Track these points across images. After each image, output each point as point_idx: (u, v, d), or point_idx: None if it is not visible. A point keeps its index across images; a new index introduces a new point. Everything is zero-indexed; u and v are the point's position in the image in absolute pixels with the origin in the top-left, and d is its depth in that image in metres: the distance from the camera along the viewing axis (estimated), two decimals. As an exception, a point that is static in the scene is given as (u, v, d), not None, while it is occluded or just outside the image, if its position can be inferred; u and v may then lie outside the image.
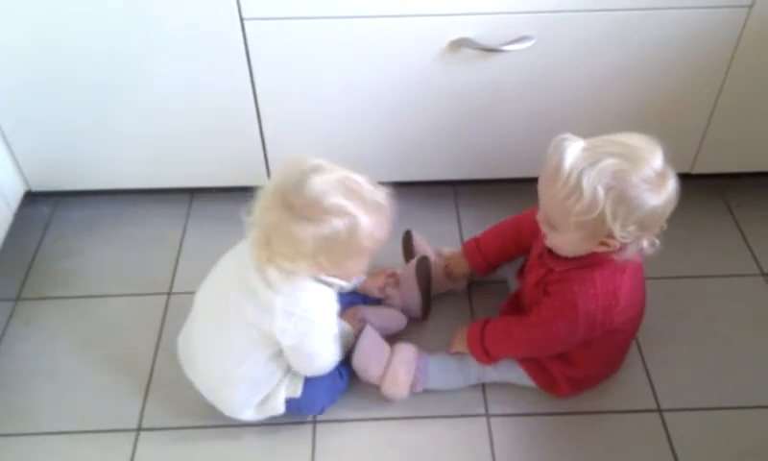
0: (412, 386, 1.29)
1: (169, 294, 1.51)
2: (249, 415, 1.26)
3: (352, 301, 1.40)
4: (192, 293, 1.28)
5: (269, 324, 1.13)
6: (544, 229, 1.15)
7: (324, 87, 1.42)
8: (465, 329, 1.32)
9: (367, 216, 1.07)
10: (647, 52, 1.37)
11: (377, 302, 1.43)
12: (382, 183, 1.12)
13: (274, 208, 1.07)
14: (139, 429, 1.30)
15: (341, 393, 1.32)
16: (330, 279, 1.15)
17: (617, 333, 1.23)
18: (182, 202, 1.70)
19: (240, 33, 1.31)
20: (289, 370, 1.24)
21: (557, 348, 1.23)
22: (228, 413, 1.27)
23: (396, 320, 1.40)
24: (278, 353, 1.19)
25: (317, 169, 1.07)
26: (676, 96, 1.45)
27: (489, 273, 1.43)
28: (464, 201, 1.71)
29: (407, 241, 1.48)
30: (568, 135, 1.06)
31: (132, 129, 1.48)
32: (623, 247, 1.08)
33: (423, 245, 1.47)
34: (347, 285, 1.18)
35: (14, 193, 1.55)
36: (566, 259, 1.16)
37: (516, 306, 1.34)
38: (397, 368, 1.28)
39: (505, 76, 1.40)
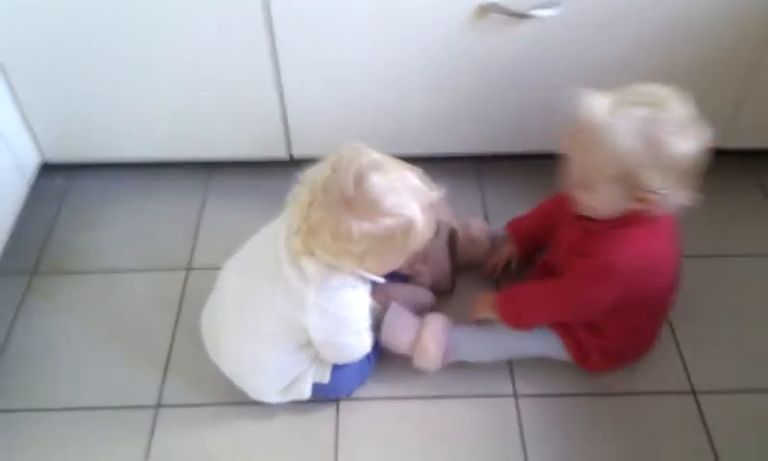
0: (444, 358, 1.26)
1: (188, 269, 1.48)
2: (274, 398, 1.23)
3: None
4: (211, 268, 1.25)
5: (301, 317, 1.10)
6: (577, 192, 1.11)
7: (347, 57, 1.37)
8: (489, 294, 1.29)
9: (422, 217, 1.03)
10: (679, 19, 1.32)
11: (403, 278, 1.39)
12: (405, 158, 1.08)
13: (327, 204, 1.02)
14: (158, 406, 1.27)
15: (368, 375, 1.29)
16: (367, 275, 1.11)
17: (649, 302, 1.19)
18: (201, 175, 1.66)
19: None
20: (317, 357, 1.21)
21: (591, 309, 1.19)
22: (253, 396, 1.24)
23: (423, 296, 1.37)
24: (307, 344, 1.16)
25: (375, 166, 1.03)
26: (708, 66, 1.40)
27: (532, 253, 1.41)
28: (487, 175, 1.66)
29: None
30: (590, 90, 1.03)
31: (148, 99, 1.45)
32: (660, 201, 1.04)
33: (449, 215, 1.42)
34: (381, 280, 1.14)
35: (30, 165, 1.53)
36: (601, 221, 1.12)
37: (546, 275, 1.30)
38: (427, 342, 1.24)
39: (534, 44, 1.35)
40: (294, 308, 1.09)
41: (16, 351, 1.35)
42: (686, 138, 1.00)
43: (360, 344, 1.19)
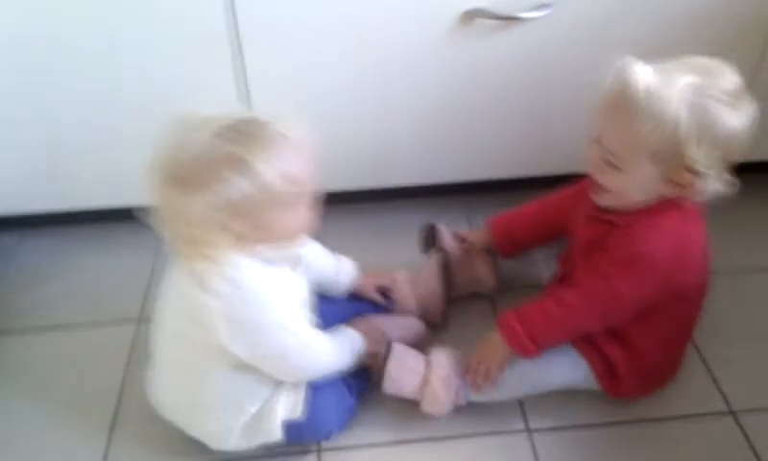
0: (455, 401, 1.08)
1: (139, 322, 1.29)
2: (234, 443, 1.03)
3: (358, 309, 1.19)
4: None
5: (213, 336, 0.92)
6: (605, 175, 0.97)
7: (320, 71, 1.25)
8: (492, 335, 1.07)
9: (265, 155, 0.86)
10: (674, 21, 1.24)
11: (387, 309, 1.22)
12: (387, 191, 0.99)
13: (157, 187, 0.87)
14: (103, 470, 1.05)
15: (351, 414, 1.09)
16: (270, 252, 0.93)
17: (684, 302, 1.04)
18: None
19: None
20: (282, 385, 1.02)
21: (621, 312, 1.02)
22: (213, 445, 1.04)
23: (414, 329, 1.19)
24: (243, 364, 0.97)
25: (195, 125, 0.88)
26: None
27: (512, 255, 1.25)
28: (477, 208, 1.51)
29: (430, 235, 1.28)
30: (631, 58, 0.92)
31: (114, 150, 1.31)
32: (698, 186, 0.93)
33: (449, 241, 1.27)
34: (295, 255, 0.98)
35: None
36: (626, 213, 0.99)
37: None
38: (436, 388, 1.07)
39: (524, 51, 1.25)
40: (203, 327, 0.92)
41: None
42: (737, 111, 0.91)
43: (303, 344, 0.99)
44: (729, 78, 0.92)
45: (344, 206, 1.51)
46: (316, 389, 1.03)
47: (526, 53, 1.26)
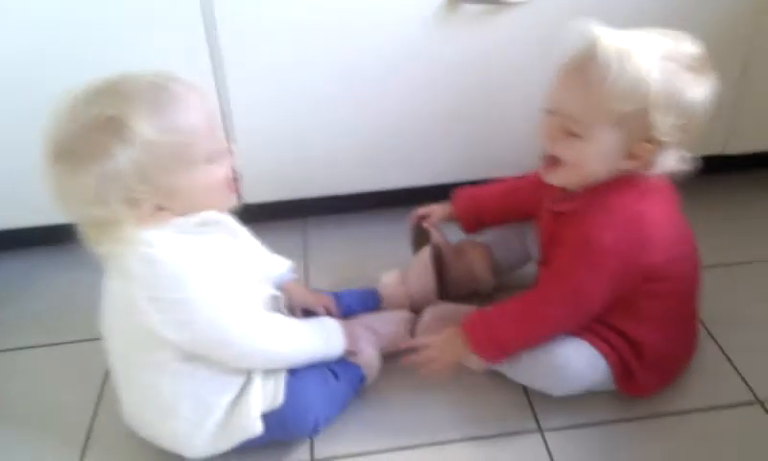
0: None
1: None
2: (207, 446, 0.93)
3: (349, 306, 1.14)
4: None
5: (146, 325, 0.84)
6: (562, 146, 0.92)
7: (293, 68, 1.20)
8: (450, 330, 1.00)
9: (142, 111, 0.78)
10: (662, 5, 1.21)
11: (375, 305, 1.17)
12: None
13: (48, 171, 0.80)
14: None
15: (342, 402, 1.01)
16: (184, 221, 0.85)
17: (663, 282, 0.96)
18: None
19: None
20: (255, 372, 0.93)
21: (591, 306, 0.95)
22: (188, 454, 0.95)
23: (405, 322, 1.12)
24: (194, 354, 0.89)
25: (73, 96, 0.81)
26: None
27: (474, 231, 1.19)
28: None
29: (420, 233, 1.20)
30: (593, 22, 0.89)
31: None
32: (657, 157, 0.90)
33: (441, 238, 1.20)
34: (219, 216, 0.89)
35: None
36: (575, 197, 0.95)
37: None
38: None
39: (511, 40, 1.21)
40: (135, 317, 0.84)
41: None
42: (702, 80, 0.88)
43: (243, 323, 0.89)
44: (692, 46, 0.89)
45: (332, 215, 1.47)
46: (295, 372, 0.95)
47: (513, 43, 1.22)
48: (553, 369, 0.99)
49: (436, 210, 1.20)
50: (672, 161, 0.91)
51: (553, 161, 0.94)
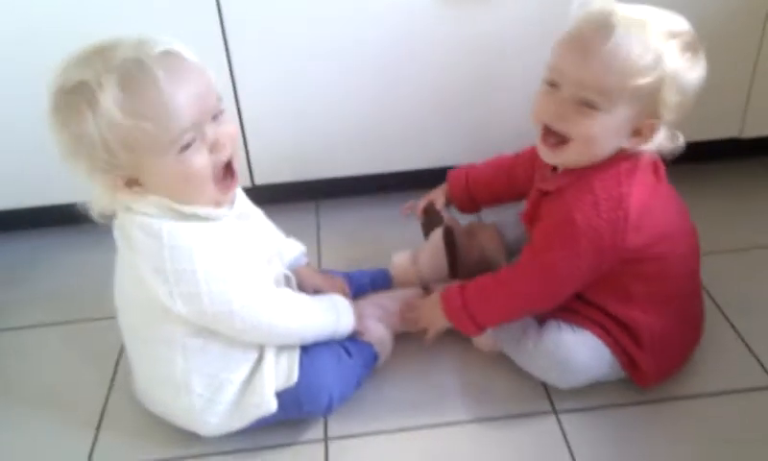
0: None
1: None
2: (221, 423, 0.93)
3: (361, 286, 1.14)
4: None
5: (155, 298, 0.84)
6: (573, 121, 0.89)
7: (300, 51, 1.21)
8: (431, 297, 1.05)
9: (115, 83, 0.76)
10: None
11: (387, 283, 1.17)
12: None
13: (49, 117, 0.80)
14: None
15: (356, 380, 1.00)
16: (185, 210, 0.84)
17: (647, 263, 0.95)
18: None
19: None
20: (269, 350, 0.93)
21: (562, 285, 0.95)
22: (201, 431, 0.95)
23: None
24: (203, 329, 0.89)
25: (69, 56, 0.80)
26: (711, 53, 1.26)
27: (470, 211, 1.20)
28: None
29: (432, 215, 1.20)
30: None
31: None
32: (654, 137, 0.90)
33: (453, 220, 1.20)
34: (223, 212, 0.88)
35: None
36: (561, 175, 0.95)
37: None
38: None
39: (510, 26, 1.21)
40: (145, 291, 0.85)
41: None
42: (699, 60, 0.88)
43: (252, 297, 0.88)
44: (686, 25, 0.88)
45: (342, 197, 1.46)
46: (308, 350, 0.95)
47: (513, 29, 1.22)
48: (556, 363, 0.98)
49: (438, 195, 1.19)
50: (664, 139, 0.90)
51: (559, 140, 0.91)
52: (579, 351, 0.98)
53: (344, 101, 1.27)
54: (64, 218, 1.37)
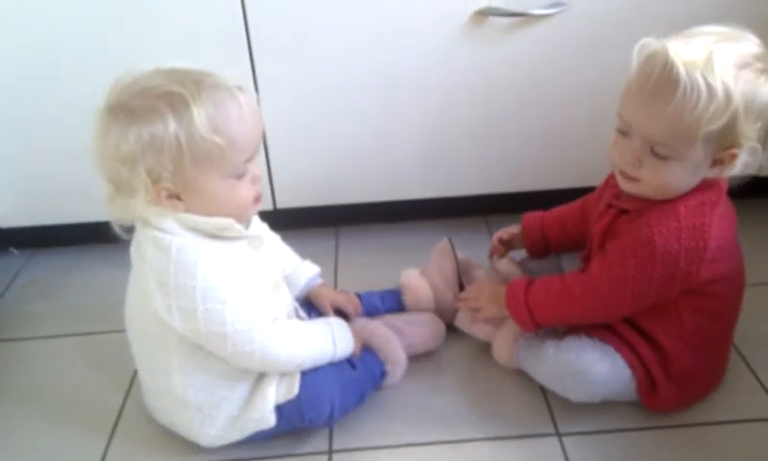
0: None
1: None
2: (220, 435, 0.96)
3: (372, 304, 1.17)
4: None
5: (155, 309, 0.88)
6: (645, 169, 0.90)
7: (326, 78, 1.25)
8: (496, 286, 1.08)
9: (209, 101, 0.82)
10: (690, 18, 1.20)
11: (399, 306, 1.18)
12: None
13: (98, 119, 0.84)
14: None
15: (360, 391, 1.01)
16: (205, 222, 0.87)
17: (705, 298, 0.95)
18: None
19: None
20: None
21: (626, 303, 0.95)
22: (201, 442, 0.98)
23: (431, 326, 1.13)
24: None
25: (152, 70, 0.87)
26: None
27: (542, 256, 1.19)
28: (496, 221, 1.44)
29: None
30: (650, 39, 0.88)
31: None
32: (736, 162, 0.88)
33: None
34: (241, 229, 0.92)
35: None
36: (642, 199, 0.94)
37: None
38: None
39: (538, 52, 1.24)
40: (149, 301, 0.88)
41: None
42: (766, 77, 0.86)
43: (246, 322, 0.88)
44: (754, 42, 0.87)
45: (360, 225, 1.50)
46: None
47: (542, 55, 1.24)
48: (576, 372, 0.98)
49: (511, 235, 1.21)
50: (746, 158, 0.88)
51: (632, 178, 0.93)
52: (600, 363, 0.97)
53: (366, 129, 1.31)
54: (99, 236, 1.44)
